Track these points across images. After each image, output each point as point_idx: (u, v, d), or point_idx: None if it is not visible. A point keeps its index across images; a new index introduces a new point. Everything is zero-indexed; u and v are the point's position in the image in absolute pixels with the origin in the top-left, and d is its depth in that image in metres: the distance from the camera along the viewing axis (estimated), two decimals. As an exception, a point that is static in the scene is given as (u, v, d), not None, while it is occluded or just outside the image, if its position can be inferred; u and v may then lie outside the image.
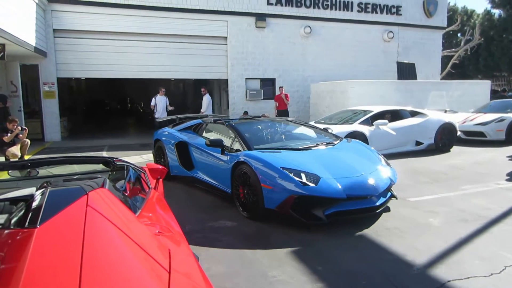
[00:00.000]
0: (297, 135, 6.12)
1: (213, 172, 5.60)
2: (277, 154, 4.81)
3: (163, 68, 13.73)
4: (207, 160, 5.72)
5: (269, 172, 4.38)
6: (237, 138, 5.36)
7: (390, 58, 16.45)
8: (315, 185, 4.17)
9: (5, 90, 10.97)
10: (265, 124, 6.32)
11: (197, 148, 6.04)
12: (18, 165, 2.67)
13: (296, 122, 6.84)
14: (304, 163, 4.51)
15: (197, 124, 6.79)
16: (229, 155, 5.16)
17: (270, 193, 4.32)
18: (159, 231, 1.75)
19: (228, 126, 5.73)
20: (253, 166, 4.52)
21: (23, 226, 1.51)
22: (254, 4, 14.28)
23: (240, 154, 4.92)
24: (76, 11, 12.33)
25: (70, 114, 16.59)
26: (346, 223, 4.35)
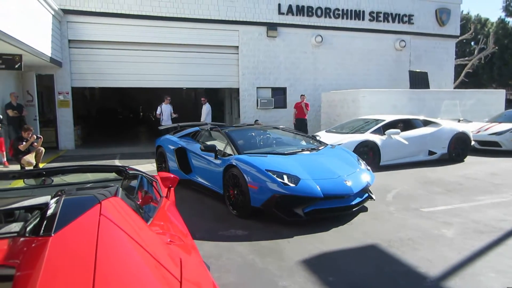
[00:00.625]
0: (285, 142, 6.65)
1: (207, 175, 6.06)
2: (264, 158, 5.26)
3: (175, 77, 13.89)
4: (203, 164, 6.22)
5: (255, 174, 4.84)
6: (229, 143, 5.86)
7: (402, 67, 16.36)
8: (295, 186, 4.62)
9: (22, 100, 11.21)
10: (257, 131, 6.84)
11: (194, 153, 6.50)
12: (34, 173, 2.71)
13: (286, 130, 7.36)
14: (287, 166, 4.96)
15: (195, 131, 7.31)
16: (221, 159, 5.65)
17: (256, 193, 4.78)
18: (170, 240, 1.76)
19: (222, 133, 6.24)
20: (241, 168, 5.00)
21: (38, 234, 1.53)
22: (266, 13, 14.40)
23: (231, 158, 5.40)
24: (90, 22, 12.59)
25: (83, 123, 16.85)
26: (360, 233, 4.31)
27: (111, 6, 12.63)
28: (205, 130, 7.11)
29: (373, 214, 5.10)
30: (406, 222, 4.70)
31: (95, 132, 18.90)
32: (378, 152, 8.23)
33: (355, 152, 7.96)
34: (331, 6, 15.21)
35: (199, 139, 6.95)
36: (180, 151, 6.94)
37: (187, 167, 6.69)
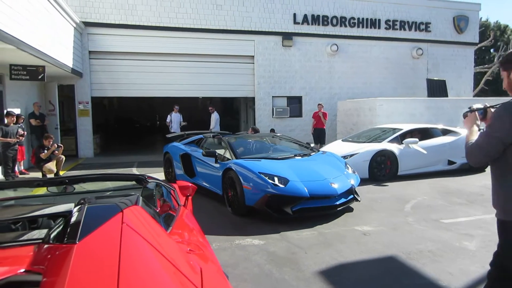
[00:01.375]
0: (280, 148, 7.22)
1: (209, 178, 6.64)
2: (258, 162, 5.80)
3: (191, 87, 14.06)
4: (205, 168, 6.78)
5: (249, 175, 5.39)
6: (228, 149, 6.46)
7: (419, 75, 16.18)
8: (284, 186, 5.15)
9: (44, 109, 11.52)
10: (255, 139, 7.60)
11: (197, 159, 7.07)
12: (57, 181, 2.78)
13: (283, 138, 7.95)
14: (278, 169, 5.47)
15: (199, 139, 7.98)
16: (220, 163, 6.22)
17: (249, 193, 5.32)
18: (190, 249, 1.77)
19: (223, 140, 6.87)
20: (237, 171, 5.57)
21: (62, 241, 1.57)
22: (281, 23, 14.50)
23: (229, 162, 5.97)
24: (109, 34, 12.91)
25: (102, 131, 17.17)
26: (379, 244, 4.25)
27: (130, 18, 12.93)
28: (208, 137, 7.79)
29: (392, 225, 5.02)
30: (426, 234, 4.61)
31: (113, 140, 19.22)
32: (395, 162, 8.13)
33: (372, 162, 7.96)
34: (346, 15, 15.21)
35: (203, 146, 7.52)
36: (185, 156, 7.48)
37: (192, 172, 7.22)
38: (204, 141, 7.74)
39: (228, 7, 13.86)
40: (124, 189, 3.44)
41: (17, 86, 9.92)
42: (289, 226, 4.99)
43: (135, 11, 12.98)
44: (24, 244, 1.79)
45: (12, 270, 1.44)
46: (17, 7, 6.85)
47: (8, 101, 9.53)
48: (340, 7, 15.13)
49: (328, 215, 5.40)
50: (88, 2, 12.54)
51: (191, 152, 7.39)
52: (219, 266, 1.83)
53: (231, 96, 16.12)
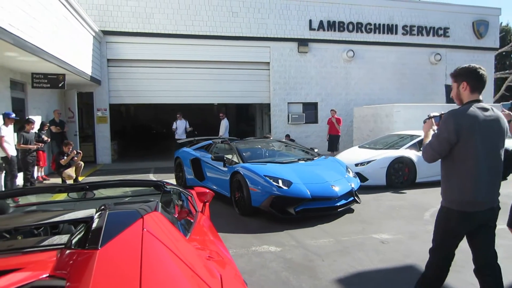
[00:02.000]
0: (285, 153, 7.61)
1: (217, 181, 6.98)
2: (263, 165, 6.16)
3: (207, 93, 14.17)
4: (214, 172, 7.13)
5: (255, 178, 5.75)
6: (235, 154, 6.81)
7: (437, 81, 15.93)
8: (288, 188, 5.50)
9: (64, 116, 11.78)
10: (262, 144, 8.00)
11: (207, 163, 7.41)
12: (77, 187, 2.83)
13: (287, 143, 8.48)
14: (283, 172, 5.82)
15: (208, 144, 8.36)
16: (228, 167, 6.55)
17: (256, 195, 5.67)
18: (209, 256, 1.77)
19: (231, 145, 7.23)
20: (244, 174, 5.93)
21: (84, 247, 1.59)
22: (297, 29, 14.51)
23: (236, 166, 6.31)
24: (127, 42, 13.14)
25: (119, 138, 17.42)
26: (398, 253, 4.17)
27: (147, 26, 13.16)
28: (217, 143, 8.20)
29: (411, 233, 4.93)
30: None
31: (130, 146, 19.47)
32: (414, 169, 7.99)
33: (390, 169, 7.85)
34: (362, 21, 15.13)
35: (212, 151, 7.89)
36: (195, 161, 7.84)
37: (201, 175, 7.60)
38: (213, 147, 8.13)
39: (244, 14, 13.97)
40: (142, 195, 3.47)
41: (38, 94, 10.18)
42: (306, 234, 4.95)
43: (152, 20, 13.20)
44: (46, 249, 1.82)
45: (36, 275, 1.46)
46: (39, 16, 7.05)
47: (30, 108, 9.78)
48: (357, 12, 15.06)
49: (345, 223, 5.34)
50: (106, 11, 12.81)
51: (201, 157, 7.73)
52: (238, 273, 1.82)
53: (246, 103, 16.17)
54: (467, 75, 2.55)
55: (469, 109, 2.41)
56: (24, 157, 7.93)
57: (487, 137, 2.42)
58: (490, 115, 2.44)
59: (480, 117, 2.39)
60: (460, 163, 2.37)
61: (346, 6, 14.97)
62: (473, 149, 2.36)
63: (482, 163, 2.41)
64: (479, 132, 2.37)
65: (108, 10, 12.80)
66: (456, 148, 2.39)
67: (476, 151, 2.37)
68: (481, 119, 2.39)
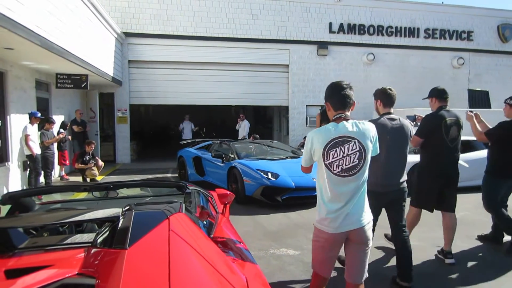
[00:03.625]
0: (275, 152, 8.64)
1: (216, 176, 8.18)
2: (256, 161, 7.38)
3: (225, 95, 14.24)
4: (213, 168, 8.30)
5: (248, 172, 6.94)
6: (232, 152, 7.98)
7: (460, 85, 15.58)
8: (275, 179, 6.66)
9: (85, 116, 12.02)
10: (255, 144, 8.98)
11: (207, 160, 8.62)
12: (102, 186, 2.87)
13: (279, 144, 9.78)
14: (272, 167, 6.99)
15: (208, 145, 9.54)
16: (226, 163, 7.75)
17: (249, 186, 6.85)
18: (234, 258, 1.77)
19: (228, 145, 8.46)
20: (239, 168, 7.15)
21: (110, 246, 1.60)
22: (316, 32, 14.45)
23: (233, 161, 7.54)
24: (148, 44, 13.33)
25: (138, 138, 17.65)
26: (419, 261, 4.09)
27: (168, 28, 13.33)
28: (216, 143, 9.24)
29: (433, 240, 4.81)
30: (471, 251, 4.38)
31: (149, 146, 19.70)
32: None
33: (411, 174, 7.68)
34: (383, 24, 14.95)
35: (211, 150, 8.90)
36: (196, 159, 9.04)
37: (202, 171, 8.81)
38: (212, 147, 9.21)
39: (263, 16, 13.99)
40: (163, 195, 3.50)
41: (61, 94, 10.43)
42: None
43: (173, 22, 13.36)
44: (74, 247, 1.85)
45: (65, 273, 1.49)
46: (65, 18, 7.22)
47: (53, 108, 10.02)
48: (378, 16, 14.89)
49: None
50: (129, 13, 13.04)
51: (202, 155, 8.92)
52: (263, 277, 1.81)
53: (264, 105, 16.16)
54: (380, 95, 3.58)
55: (381, 119, 3.43)
56: (44, 155, 8.12)
57: (394, 139, 3.35)
58: (396, 123, 3.42)
59: (388, 125, 3.38)
60: (376, 156, 2.70)
61: (367, 9, 14.83)
62: (385, 148, 3.11)
63: (391, 158, 3.32)
64: (389, 136, 3.30)
65: (130, 13, 13.02)
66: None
67: (387, 150, 3.20)
68: (389, 127, 3.37)
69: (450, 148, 4.00)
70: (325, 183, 2.35)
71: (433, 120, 4.05)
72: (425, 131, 4.00)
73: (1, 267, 1.63)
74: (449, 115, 4.03)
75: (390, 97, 3.49)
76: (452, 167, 4.11)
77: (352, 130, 2.36)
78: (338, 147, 2.31)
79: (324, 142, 2.32)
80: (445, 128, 3.95)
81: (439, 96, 4.14)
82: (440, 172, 4.04)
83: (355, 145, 2.32)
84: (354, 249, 2.43)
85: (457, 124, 4.04)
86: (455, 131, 4.01)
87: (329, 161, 2.31)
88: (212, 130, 18.13)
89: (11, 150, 7.59)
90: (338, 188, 2.32)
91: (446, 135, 3.96)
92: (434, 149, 4.03)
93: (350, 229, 2.34)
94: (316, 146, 2.35)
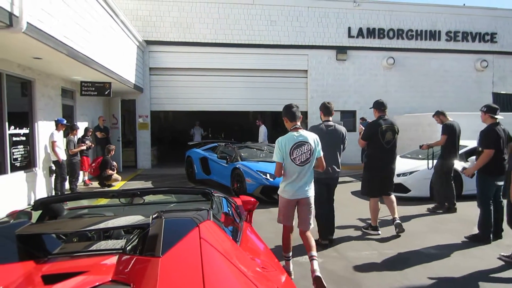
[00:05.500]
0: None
1: (221, 175, 9.01)
2: (257, 163, 8.21)
3: (244, 101, 14.30)
4: (218, 168, 9.15)
5: (250, 172, 7.78)
6: (235, 154, 8.82)
7: (483, 89, 15.21)
8: (273, 180, 7.31)
9: (108, 123, 12.28)
10: (256, 147, 9.73)
11: (213, 161, 9.49)
12: (129, 193, 2.93)
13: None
14: (270, 168, 7.38)
15: (214, 146, 10.50)
16: (229, 164, 8.57)
17: (250, 185, 7.66)
18: (263, 267, 1.77)
19: (232, 148, 9.30)
20: (242, 169, 8.01)
21: (141, 253, 1.63)
22: (335, 37, 14.38)
23: (236, 163, 8.37)
24: (168, 51, 13.54)
25: (158, 144, 17.87)
26: (446, 269, 3.99)
27: (188, 36, 13.51)
28: (221, 145, 10.08)
29: (458, 247, 4.70)
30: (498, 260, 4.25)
31: (169, 152, 19.92)
32: (460, 181, 7.63)
33: (433, 180, 7.55)
34: (404, 27, 14.76)
35: (217, 152, 9.81)
36: (203, 159, 9.90)
37: (208, 171, 9.70)
38: (218, 148, 10.07)
39: (282, 22, 14.03)
40: (187, 202, 3.53)
41: (85, 101, 10.70)
42: (348, 245, 4.85)
43: (192, 29, 13.54)
44: (104, 253, 1.89)
45: (99, 279, 1.52)
46: (90, 28, 7.43)
47: (78, 115, 10.28)
48: (397, 19, 14.73)
49: (388, 235, 5.19)
50: (150, 22, 13.29)
51: (208, 156, 9.81)
52: (294, 285, 1.81)
53: (283, 110, 16.13)
54: (321, 107, 4.95)
55: (320, 125, 4.82)
56: (70, 161, 8.33)
57: (329, 140, 4.64)
58: (331, 129, 4.80)
59: (324, 129, 4.74)
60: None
61: (386, 13, 14.68)
62: (322, 145, 3.96)
63: (327, 154, 4.25)
64: (325, 137, 4.40)
65: (151, 21, 13.28)
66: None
67: (323, 147, 3.96)
68: (325, 131, 4.72)
69: (386, 148, 5.26)
70: (288, 170, 3.73)
71: (372, 127, 5.38)
72: (366, 136, 5.37)
73: (38, 273, 1.68)
74: (385, 123, 5.30)
75: (329, 109, 4.87)
76: (389, 162, 5.33)
77: (305, 136, 3.74)
78: (298, 148, 3.69)
79: (290, 145, 3.69)
80: (381, 133, 5.22)
81: (378, 107, 5.46)
82: (379, 167, 5.29)
83: (307, 146, 3.71)
84: (303, 209, 3.84)
85: (392, 130, 5.30)
86: (390, 135, 5.26)
87: (293, 157, 3.69)
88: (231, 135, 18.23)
89: (38, 156, 7.82)
90: (296, 173, 3.71)
91: (382, 139, 5.23)
92: (374, 149, 5.33)
93: (299, 197, 3.78)
94: (286, 147, 3.69)
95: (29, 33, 4.88)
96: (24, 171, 7.31)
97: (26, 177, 7.35)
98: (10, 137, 6.87)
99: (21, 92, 7.60)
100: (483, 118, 5.35)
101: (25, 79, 7.51)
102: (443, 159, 6.92)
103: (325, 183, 4.80)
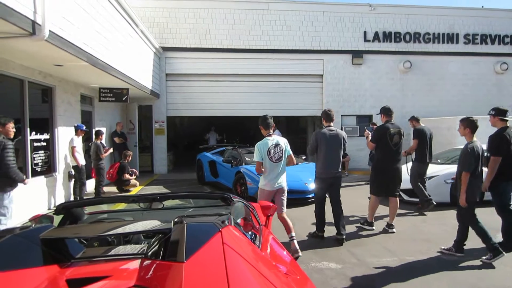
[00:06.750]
0: None
1: (226, 177, 9.58)
2: None
3: (259, 106, 14.27)
4: (224, 171, 9.71)
5: (252, 176, 8.05)
6: (240, 158, 9.29)
7: (504, 92, 14.88)
8: None
9: (125, 128, 12.45)
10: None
11: (219, 164, 10.01)
12: (149, 198, 2.94)
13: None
14: None
15: (222, 150, 11.03)
16: (234, 167, 9.06)
17: (251, 188, 7.96)
18: (286, 273, 1.75)
19: (237, 152, 9.76)
20: (244, 172, 8.42)
21: (163, 258, 1.63)
22: (351, 41, 14.30)
23: (240, 167, 8.83)
24: (185, 57, 13.68)
25: (174, 149, 18.03)
26: (470, 278, 3.88)
27: (203, 42, 13.64)
28: (229, 149, 10.56)
29: (483, 253, 4.57)
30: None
31: (184, 157, 20.07)
32: (481, 186, 7.43)
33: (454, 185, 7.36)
34: (420, 31, 14.58)
35: (224, 155, 10.30)
36: (212, 163, 10.47)
37: (216, 173, 10.25)
38: (225, 152, 10.53)
39: (297, 27, 14.03)
40: (205, 206, 3.53)
41: (103, 107, 10.87)
42: (367, 251, 4.77)
43: (208, 35, 13.66)
44: (126, 258, 1.89)
45: (123, 284, 1.52)
46: (109, 35, 7.56)
47: (96, 120, 10.46)
48: (414, 22, 14.55)
49: (408, 241, 5.09)
50: (166, 28, 13.47)
51: (216, 159, 10.33)
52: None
53: (299, 115, 16.08)
54: (323, 114, 5.48)
55: (323, 130, 5.33)
56: (98, 166, 8.46)
57: (330, 143, 5.24)
58: (333, 133, 5.29)
59: (327, 134, 5.28)
60: (319, 154, 5.24)
61: (402, 16, 14.54)
62: (324, 149, 5.13)
63: (328, 155, 5.18)
64: (327, 141, 5.21)
65: (167, 28, 13.45)
66: (317, 148, 5.30)
67: (326, 150, 5.12)
68: (327, 135, 5.27)
69: (393, 150, 5.69)
70: (267, 166, 4.71)
71: (381, 130, 5.77)
72: (375, 139, 5.79)
73: (62, 277, 1.69)
74: (393, 127, 5.76)
75: (329, 116, 5.41)
76: (396, 162, 5.74)
77: (278, 140, 4.80)
78: (273, 149, 4.73)
79: (266, 147, 4.71)
80: (389, 136, 5.66)
81: (385, 113, 5.90)
82: (387, 167, 5.69)
83: (279, 147, 4.76)
84: (279, 197, 4.82)
85: (399, 133, 5.75)
86: (397, 138, 5.71)
87: (270, 156, 4.71)
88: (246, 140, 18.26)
89: (58, 161, 7.97)
90: (273, 168, 4.72)
91: (391, 141, 5.66)
92: (382, 151, 5.72)
93: (277, 188, 4.75)
94: (264, 149, 4.69)
95: (51, 41, 5.00)
96: (44, 176, 7.45)
97: (46, 182, 7.50)
98: (31, 142, 7.03)
99: (42, 98, 7.77)
100: (492, 121, 5.42)
101: (46, 85, 7.68)
102: (418, 162, 7.43)
103: (329, 182, 5.30)
